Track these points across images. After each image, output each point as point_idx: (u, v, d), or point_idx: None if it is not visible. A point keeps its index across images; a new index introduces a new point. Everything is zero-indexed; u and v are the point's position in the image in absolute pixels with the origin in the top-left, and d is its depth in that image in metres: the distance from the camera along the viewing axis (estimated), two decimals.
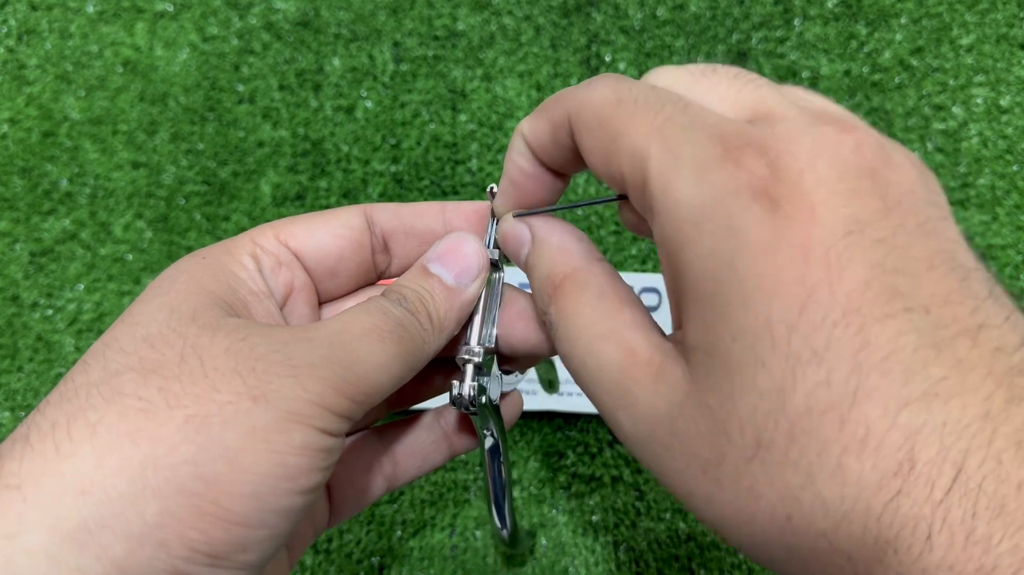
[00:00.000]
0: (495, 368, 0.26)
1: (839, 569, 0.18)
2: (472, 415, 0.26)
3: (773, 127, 0.19)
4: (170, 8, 0.49)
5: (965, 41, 0.48)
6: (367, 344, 0.21)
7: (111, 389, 0.19)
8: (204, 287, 0.22)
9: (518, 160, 0.24)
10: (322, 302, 0.27)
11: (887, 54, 0.48)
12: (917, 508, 0.17)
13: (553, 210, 0.26)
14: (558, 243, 0.23)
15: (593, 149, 0.21)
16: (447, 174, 0.46)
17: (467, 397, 0.25)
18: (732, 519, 0.19)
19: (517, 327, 0.26)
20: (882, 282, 0.17)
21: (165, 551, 0.18)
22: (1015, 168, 0.46)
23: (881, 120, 0.47)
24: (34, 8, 0.49)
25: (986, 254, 0.44)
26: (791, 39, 0.48)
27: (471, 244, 0.25)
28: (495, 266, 0.26)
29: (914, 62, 0.47)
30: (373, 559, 0.40)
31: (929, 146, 0.46)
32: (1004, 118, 0.46)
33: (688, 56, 0.48)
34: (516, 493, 0.41)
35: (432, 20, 0.48)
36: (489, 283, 0.26)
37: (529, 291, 0.26)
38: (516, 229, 0.25)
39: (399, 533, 0.40)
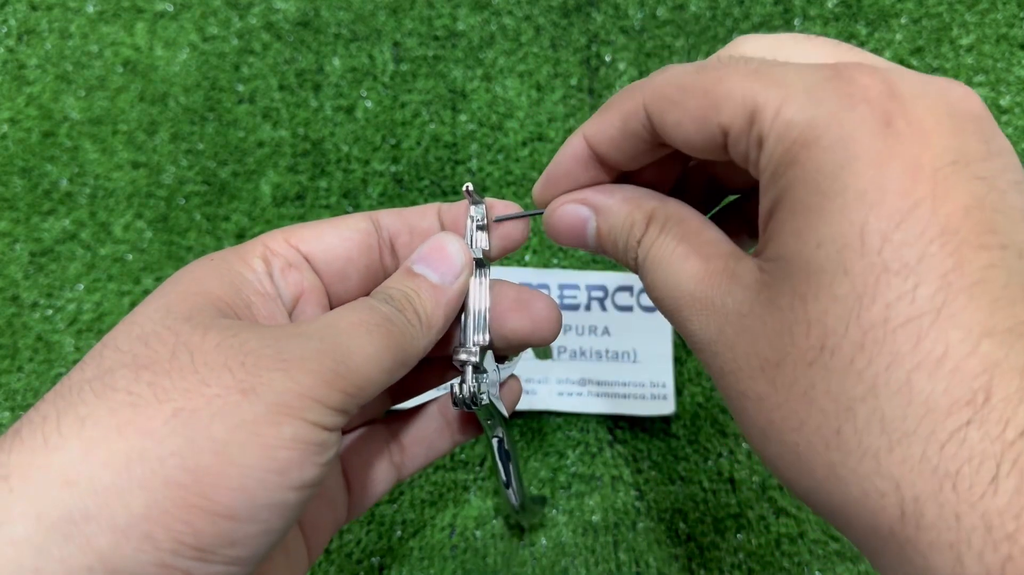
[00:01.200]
0: (491, 361, 0.27)
1: (881, 498, 0.17)
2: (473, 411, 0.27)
3: (879, 61, 0.20)
4: (170, 8, 0.49)
5: (965, 41, 0.48)
6: (355, 337, 0.22)
7: (103, 384, 0.19)
8: (205, 288, 0.22)
9: (570, 156, 0.25)
10: (333, 305, 0.27)
11: (887, 54, 0.48)
12: (987, 444, 0.16)
13: (530, 215, 0.27)
14: (623, 197, 0.24)
15: (681, 118, 0.21)
16: (447, 174, 0.46)
17: (468, 397, 0.25)
18: (779, 424, 0.19)
19: (510, 319, 0.26)
20: (982, 214, 0.17)
21: (151, 543, 0.18)
22: None
23: None
24: (34, 8, 0.49)
25: None
26: None
27: (453, 243, 0.26)
28: (480, 264, 0.27)
29: (914, 62, 0.47)
30: (373, 559, 0.40)
31: None
32: (1004, 118, 0.46)
33: (688, 56, 0.48)
34: None
35: (432, 20, 0.48)
36: (477, 280, 0.26)
37: (515, 283, 0.27)
38: (568, 211, 0.25)
39: (399, 533, 0.40)
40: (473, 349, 0.26)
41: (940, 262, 0.17)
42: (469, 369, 0.26)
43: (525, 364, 0.42)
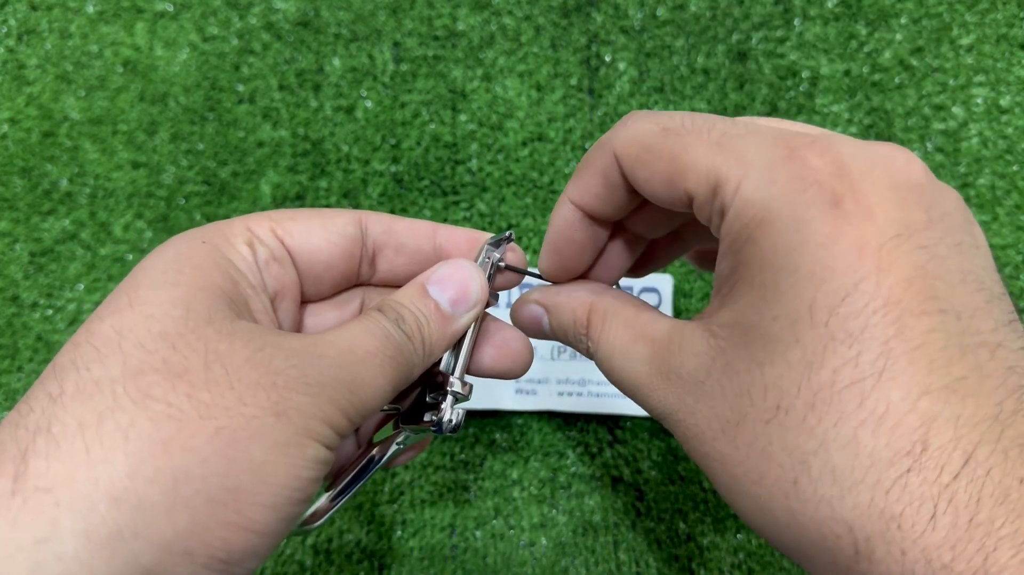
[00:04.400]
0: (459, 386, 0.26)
1: (837, 539, 0.19)
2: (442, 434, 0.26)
3: (830, 136, 0.21)
4: (170, 8, 0.49)
5: (965, 41, 0.48)
6: (370, 369, 0.22)
7: (139, 391, 0.19)
8: (212, 282, 0.22)
9: (563, 226, 0.26)
10: (303, 302, 0.27)
11: (887, 54, 0.48)
12: (926, 487, 0.18)
13: (535, 275, 0.28)
14: (567, 296, 0.26)
15: (650, 178, 0.23)
16: (447, 174, 0.46)
17: (450, 424, 0.26)
18: (742, 478, 0.20)
19: (488, 354, 0.27)
20: (923, 282, 0.19)
21: (189, 559, 0.18)
22: (1015, 168, 0.46)
23: (881, 120, 0.47)
24: (34, 8, 0.49)
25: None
26: (791, 39, 0.48)
27: (474, 277, 0.26)
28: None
29: (914, 62, 0.47)
30: (373, 559, 0.40)
31: (929, 146, 0.46)
32: (1004, 118, 0.46)
33: (688, 56, 0.48)
34: (516, 493, 0.41)
35: (432, 20, 0.48)
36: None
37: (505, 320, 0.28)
38: (527, 310, 0.28)
39: (399, 533, 0.40)
40: (466, 383, 0.26)
41: (882, 331, 0.19)
42: (452, 399, 0.26)
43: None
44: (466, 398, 0.26)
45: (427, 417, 0.26)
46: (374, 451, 0.28)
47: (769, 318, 0.20)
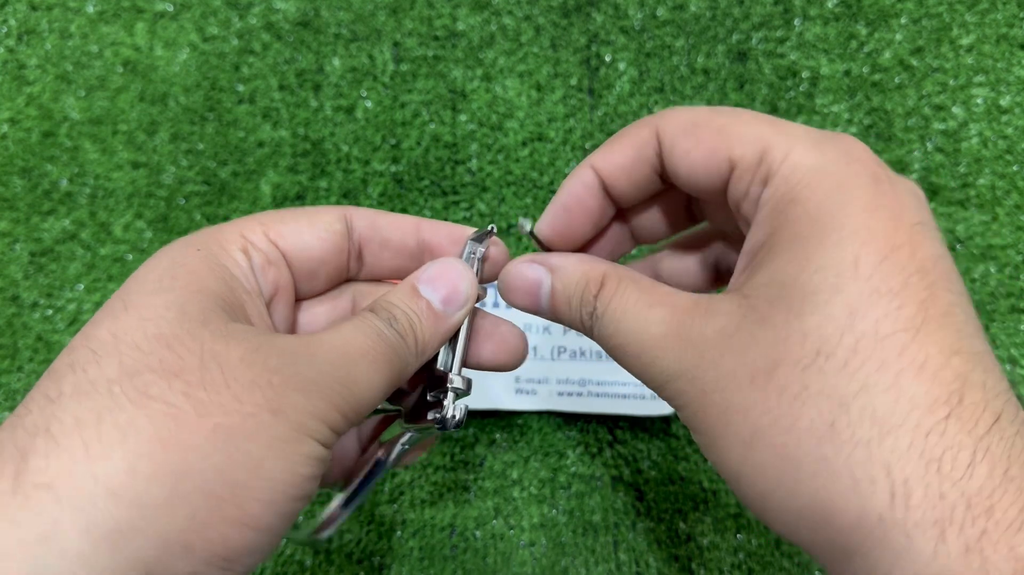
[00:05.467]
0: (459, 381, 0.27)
1: (871, 484, 0.19)
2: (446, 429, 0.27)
3: None
4: (170, 8, 0.49)
5: (965, 41, 0.48)
6: (364, 367, 0.23)
7: (135, 390, 0.19)
8: (207, 286, 0.22)
9: (579, 188, 0.26)
10: (298, 300, 0.27)
11: (887, 54, 0.48)
12: (963, 436, 0.19)
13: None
14: (578, 259, 0.26)
15: (692, 148, 0.24)
16: (447, 174, 0.46)
17: (453, 420, 0.26)
18: (766, 429, 0.20)
19: (486, 348, 0.28)
20: (946, 265, 0.21)
21: (189, 554, 0.19)
22: (1015, 168, 0.46)
23: (881, 120, 0.47)
24: (34, 8, 0.49)
25: (986, 254, 0.44)
26: (791, 39, 0.48)
27: (464, 276, 0.26)
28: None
29: (914, 62, 0.47)
30: (373, 559, 0.40)
31: (929, 146, 0.46)
32: (1004, 118, 0.46)
33: (688, 56, 0.48)
34: (516, 493, 0.41)
35: (432, 20, 0.48)
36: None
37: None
38: (528, 268, 0.26)
39: (399, 533, 0.40)
40: (465, 378, 0.26)
41: (918, 292, 0.20)
42: (452, 395, 0.26)
43: (525, 364, 0.42)
44: (466, 393, 0.26)
45: (430, 415, 0.26)
46: (380, 453, 0.28)
47: (811, 270, 0.21)
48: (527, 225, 0.27)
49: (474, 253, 0.27)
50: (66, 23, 0.49)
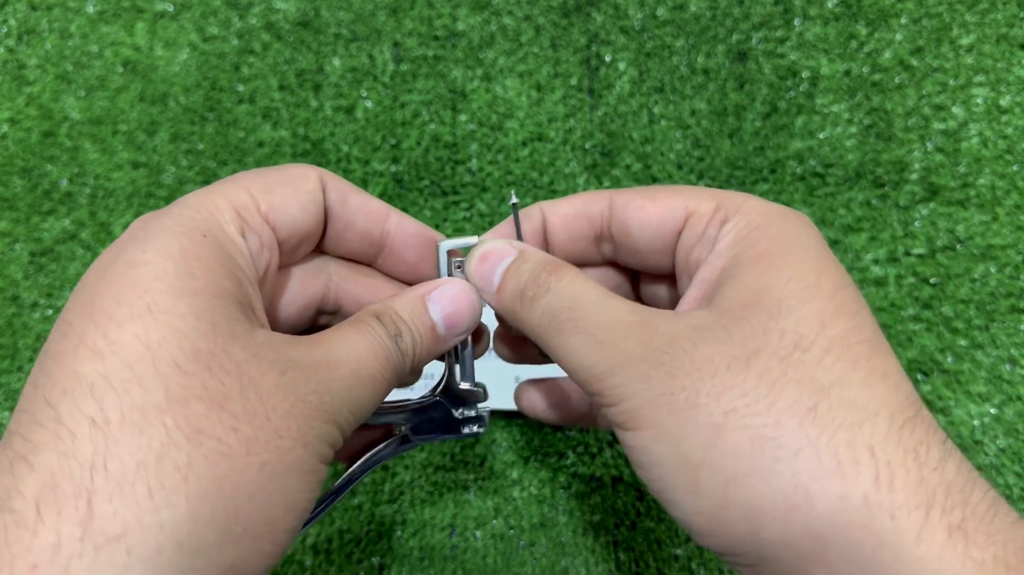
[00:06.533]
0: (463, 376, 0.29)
1: (855, 464, 0.19)
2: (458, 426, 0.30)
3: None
4: (170, 8, 0.49)
5: (965, 41, 0.48)
6: (371, 390, 0.24)
7: (189, 425, 0.19)
8: (225, 288, 0.22)
9: (526, 227, 0.28)
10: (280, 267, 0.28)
11: (887, 54, 0.48)
12: (931, 435, 0.20)
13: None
14: (531, 248, 0.27)
15: (647, 204, 0.26)
16: (447, 174, 0.46)
17: (485, 425, 0.30)
18: (742, 411, 0.21)
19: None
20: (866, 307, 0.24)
21: None
22: (1015, 168, 0.46)
23: (881, 120, 0.47)
24: (34, 8, 0.49)
25: (986, 254, 0.44)
26: (791, 39, 0.48)
27: (474, 304, 0.27)
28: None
29: (914, 62, 0.47)
30: (373, 559, 0.40)
31: (929, 146, 0.46)
32: (1004, 118, 0.46)
33: (688, 56, 0.48)
34: (516, 493, 0.41)
35: (432, 20, 0.48)
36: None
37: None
38: (502, 243, 0.27)
39: (399, 533, 0.40)
40: (480, 385, 0.29)
41: (869, 322, 0.22)
42: (481, 405, 0.29)
43: (526, 365, 0.42)
44: (486, 396, 0.29)
45: (466, 430, 0.29)
46: (354, 467, 0.29)
47: (783, 281, 0.22)
48: (514, 198, 0.28)
49: (459, 267, 0.28)
50: (66, 23, 0.49)
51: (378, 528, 0.40)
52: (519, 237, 0.28)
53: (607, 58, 0.48)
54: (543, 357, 0.30)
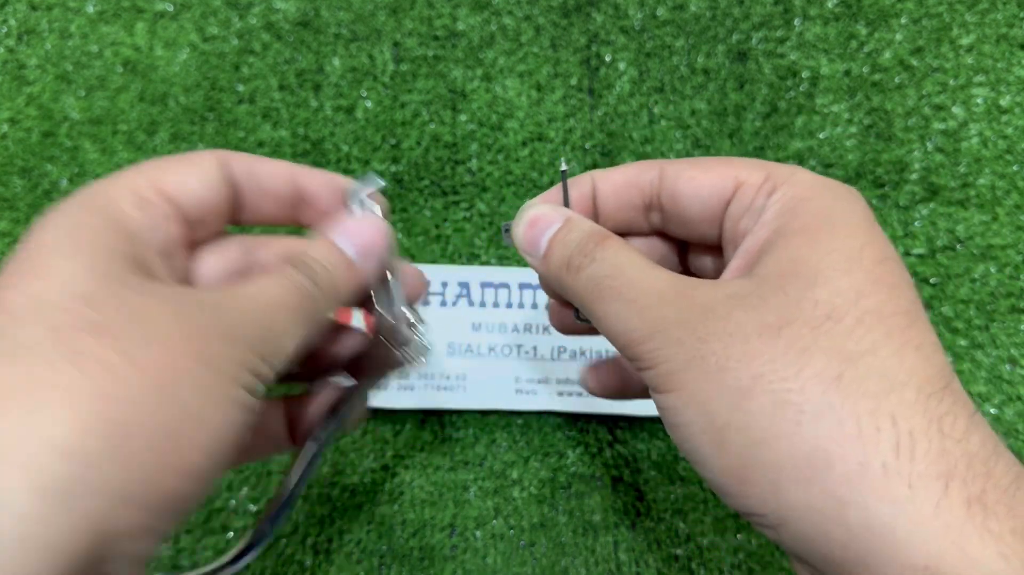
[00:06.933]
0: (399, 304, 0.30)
1: (876, 431, 0.20)
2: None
3: None
4: (170, 8, 0.49)
5: (965, 41, 0.48)
6: (284, 317, 0.24)
7: (69, 350, 0.19)
8: (115, 247, 0.23)
9: (574, 194, 0.29)
10: (193, 247, 0.28)
11: (887, 54, 0.48)
12: (958, 407, 0.20)
13: None
14: (579, 217, 0.27)
15: (698, 175, 0.26)
16: (447, 174, 0.46)
17: (427, 348, 0.30)
18: (768, 376, 0.21)
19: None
20: (911, 284, 0.23)
21: (138, 506, 0.19)
22: (1015, 168, 0.46)
23: (881, 120, 0.47)
24: (34, 8, 0.49)
25: (986, 254, 0.44)
26: (791, 39, 0.48)
27: (380, 228, 0.28)
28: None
29: (914, 62, 0.47)
30: (373, 559, 0.40)
31: (929, 146, 0.46)
32: (1004, 118, 0.46)
33: (688, 56, 0.48)
34: (516, 493, 0.41)
35: (432, 20, 0.48)
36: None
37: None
38: (550, 209, 0.28)
39: (399, 533, 0.40)
40: (416, 311, 0.30)
41: (909, 294, 0.22)
42: (416, 329, 0.29)
43: (525, 364, 0.42)
44: (422, 321, 0.30)
45: (401, 354, 0.29)
46: (311, 447, 0.30)
47: (823, 252, 0.22)
48: (564, 165, 0.28)
49: (362, 204, 0.29)
50: (66, 23, 0.49)
51: (378, 528, 0.40)
52: (567, 204, 0.28)
53: (607, 58, 0.48)
54: (581, 321, 0.29)
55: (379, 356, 0.30)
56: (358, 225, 0.28)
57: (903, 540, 0.19)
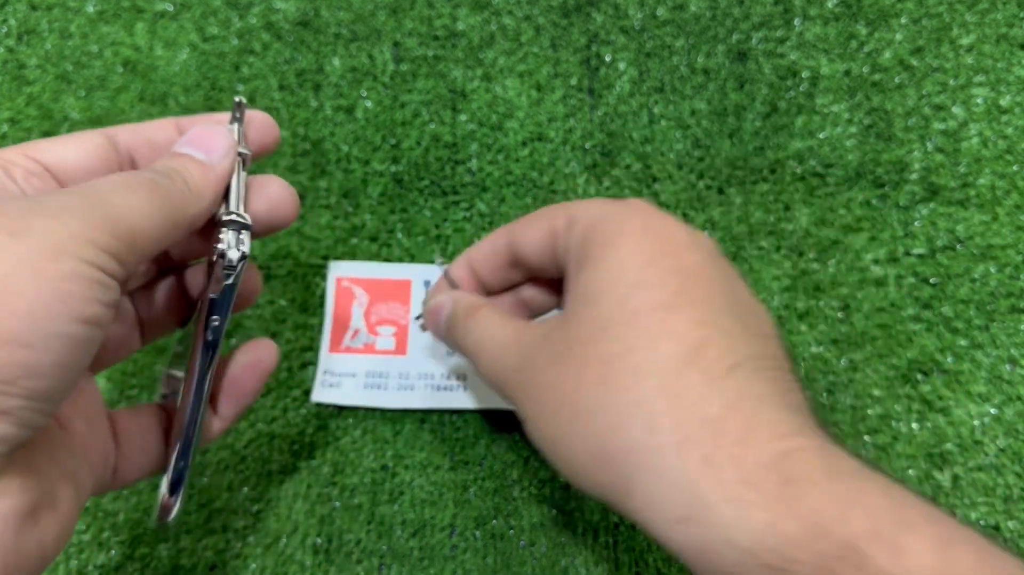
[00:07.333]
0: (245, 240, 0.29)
1: (631, 418, 0.25)
2: (228, 276, 0.28)
3: None
4: (170, 8, 0.49)
5: (965, 41, 0.48)
6: (119, 191, 0.24)
7: None
8: None
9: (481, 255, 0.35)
10: None
11: (887, 54, 0.48)
12: (699, 378, 0.24)
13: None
14: (461, 295, 0.35)
15: (530, 231, 0.32)
16: (447, 174, 0.46)
17: (238, 256, 0.28)
18: (567, 393, 0.27)
19: (264, 205, 0.30)
20: (704, 269, 0.28)
21: None
22: (1015, 168, 0.46)
23: (881, 120, 0.47)
24: (34, 8, 0.49)
25: (986, 254, 0.44)
26: (791, 39, 0.48)
27: (217, 128, 0.29)
28: (243, 162, 0.29)
29: (914, 62, 0.47)
30: (373, 559, 0.40)
31: (929, 146, 0.46)
32: (1004, 118, 0.46)
33: (688, 56, 0.48)
34: (516, 493, 0.41)
35: (432, 20, 0.49)
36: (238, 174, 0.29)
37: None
38: (440, 301, 0.35)
39: (399, 533, 0.40)
40: (244, 214, 0.28)
41: (672, 286, 0.26)
42: (233, 229, 0.28)
43: None
44: (249, 226, 0.28)
45: (216, 254, 0.28)
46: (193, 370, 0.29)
47: (602, 272, 0.27)
48: (439, 261, 0.36)
49: (237, 123, 0.30)
50: (66, 23, 0.49)
51: (378, 528, 0.40)
52: (454, 286, 0.36)
53: (607, 58, 0.48)
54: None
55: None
56: (194, 132, 0.28)
57: (663, 498, 0.23)
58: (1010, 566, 0.20)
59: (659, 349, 0.25)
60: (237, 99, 0.30)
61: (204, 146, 0.28)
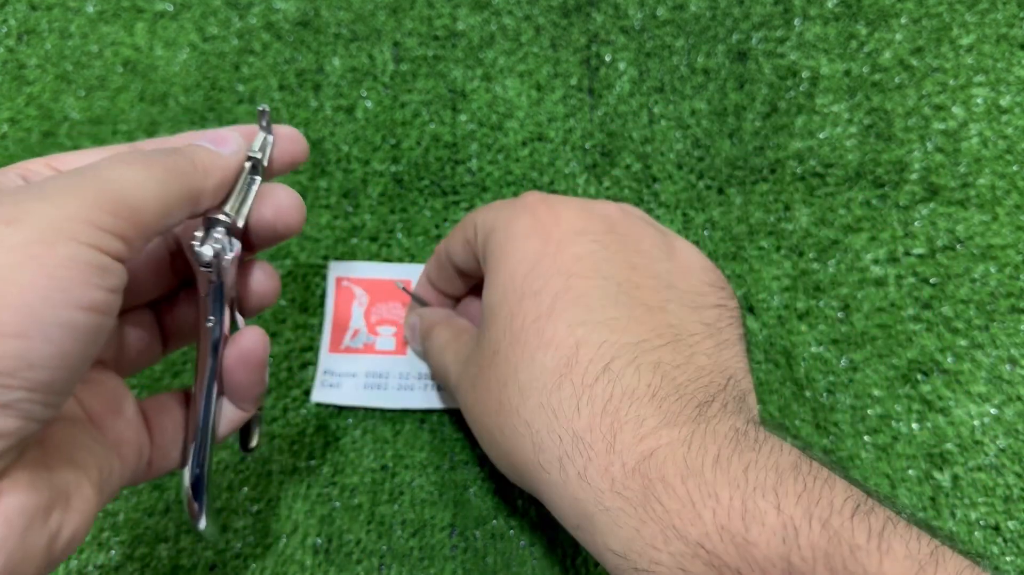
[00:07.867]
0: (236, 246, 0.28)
1: (521, 439, 0.27)
2: (208, 275, 0.27)
3: None
4: (170, 8, 0.49)
5: (965, 41, 0.48)
6: (120, 167, 0.22)
7: None
8: None
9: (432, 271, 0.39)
10: None
11: (887, 54, 0.48)
12: (573, 388, 0.25)
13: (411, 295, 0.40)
14: (427, 313, 0.38)
15: (454, 243, 0.35)
16: (447, 174, 0.46)
17: (215, 254, 0.27)
18: (480, 415, 0.30)
19: (254, 209, 0.29)
20: (584, 262, 0.28)
21: None
22: (1015, 168, 0.46)
23: (881, 120, 0.47)
24: (34, 8, 0.49)
25: (986, 254, 0.44)
26: (791, 39, 0.48)
27: (232, 129, 0.29)
28: (254, 170, 0.29)
29: (914, 62, 0.47)
30: (373, 559, 0.40)
31: (929, 146, 0.46)
32: (1004, 118, 0.46)
33: (688, 56, 0.48)
34: (516, 493, 0.41)
35: (432, 20, 0.49)
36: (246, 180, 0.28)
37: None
38: (411, 320, 0.39)
39: (399, 533, 0.40)
40: (230, 213, 0.27)
41: (555, 287, 0.27)
42: (222, 229, 0.27)
43: None
44: (232, 222, 0.27)
45: (196, 248, 0.27)
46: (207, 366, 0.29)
47: (490, 293, 0.29)
48: (401, 284, 0.40)
49: (264, 132, 0.29)
50: (66, 23, 0.49)
51: (378, 528, 0.40)
52: (423, 303, 0.39)
53: (607, 58, 0.48)
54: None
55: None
56: (211, 130, 0.28)
57: (559, 508, 0.26)
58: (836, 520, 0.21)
59: (538, 364, 0.26)
60: (260, 107, 0.29)
61: (214, 139, 0.27)
